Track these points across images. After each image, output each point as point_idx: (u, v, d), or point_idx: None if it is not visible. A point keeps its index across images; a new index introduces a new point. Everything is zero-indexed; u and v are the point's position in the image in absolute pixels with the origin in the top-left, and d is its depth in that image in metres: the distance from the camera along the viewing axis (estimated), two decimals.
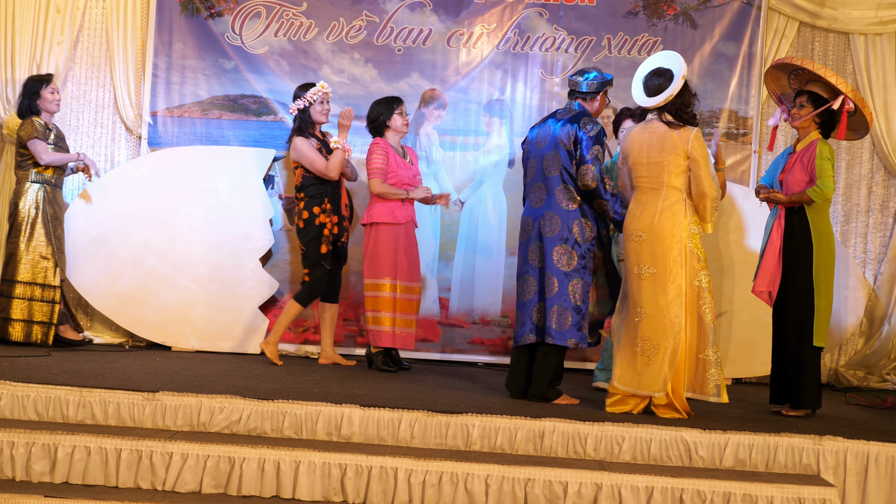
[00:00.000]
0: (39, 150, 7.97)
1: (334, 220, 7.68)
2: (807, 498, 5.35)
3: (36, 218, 8.01)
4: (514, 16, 8.69)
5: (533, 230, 6.62)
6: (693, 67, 8.60)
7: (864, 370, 8.58)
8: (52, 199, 8.08)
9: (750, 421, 6.30)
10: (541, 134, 6.68)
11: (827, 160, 6.53)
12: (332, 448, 5.54)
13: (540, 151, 6.64)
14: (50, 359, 7.27)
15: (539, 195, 6.62)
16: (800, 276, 6.57)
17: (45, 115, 8.12)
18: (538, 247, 6.57)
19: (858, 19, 8.62)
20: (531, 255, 6.62)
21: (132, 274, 8.39)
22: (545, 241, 6.53)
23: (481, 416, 5.81)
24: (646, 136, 6.34)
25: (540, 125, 6.75)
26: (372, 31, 8.71)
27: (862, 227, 8.77)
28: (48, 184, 8.07)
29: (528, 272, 6.63)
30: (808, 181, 6.56)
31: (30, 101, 8.08)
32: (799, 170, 6.61)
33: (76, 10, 8.76)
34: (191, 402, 5.83)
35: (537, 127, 6.77)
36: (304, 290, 7.75)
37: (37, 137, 7.96)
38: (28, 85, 8.13)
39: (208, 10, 8.69)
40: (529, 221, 6.66)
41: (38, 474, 5.39)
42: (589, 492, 5.35)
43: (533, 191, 6.67)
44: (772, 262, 6.64)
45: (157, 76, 8.70)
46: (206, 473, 5.41)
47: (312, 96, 7.70)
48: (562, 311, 6.46)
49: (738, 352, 8.29)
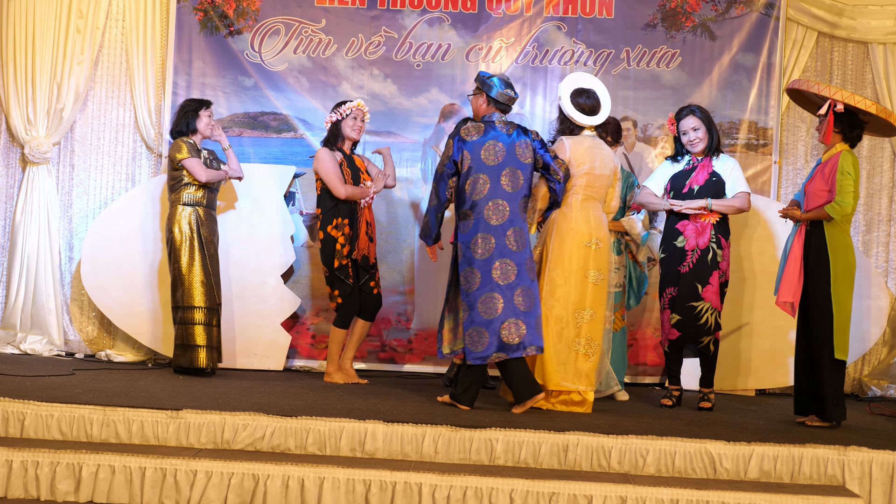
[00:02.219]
0: (195, 167, 7.74)
1: (347, 233, 7.63)
2: None
3: (192, 242, 7.83)
4: (532, 30, 8.70)
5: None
6: (712, 79, 8.60)
7: (889, 380, 8.53)
8: (204, 221, 7.88)
9: (774, 432, 6.27)
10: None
11: (848, 175, 6.49)
12: (356, 464, 5.55)
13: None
14: (73, 378, 7.29)
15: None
16: (818, 289, 6.55)
17: (197, 138, 7.93)
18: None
19: (877, 29, 8.60)
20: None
21: (154, 292, 8.42)
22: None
23: (505, 430, 5.81)
24: (596, 150, 6.89)
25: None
26: (391, 47, 8.73)
27: (884, 236, 8.74)
28: (199, 205, 7.86)
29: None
30: (827, 192, 6.54)
31: (187, 122, 7.89)
32: (819, 180, 6.59)
33: (96, 29, 8.81)
34: (214, 419, 5.84)
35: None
36: (338, 313, 7.74)
37: (191, 156, 7.77)
38: (185, 106, 7.99)
39: (227, 28, 8.73)
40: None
41: (63, 494, 5.41)
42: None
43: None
44: (794, 273, 6.61)
45: (177, 94, 8.73)
46: (231, 491, 5.42)
47: (345, 111, 7.70)
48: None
49: (759, 362, 8.25)
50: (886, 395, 8.41)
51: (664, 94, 8.63)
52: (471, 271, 6.63)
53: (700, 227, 7.14)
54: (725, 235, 7.17)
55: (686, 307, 7.14)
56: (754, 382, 8.28)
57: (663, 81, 8.64)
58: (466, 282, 6.64)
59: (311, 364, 8.54)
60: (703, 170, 7.22)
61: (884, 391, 8.43)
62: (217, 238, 8.01)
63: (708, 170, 7.21)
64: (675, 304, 7.20)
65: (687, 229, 7.18)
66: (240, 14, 8.73)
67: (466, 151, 6.64)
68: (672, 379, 7.39)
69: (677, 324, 7.18)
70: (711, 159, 7.24)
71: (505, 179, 6.65)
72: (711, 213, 7.12)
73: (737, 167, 7.22)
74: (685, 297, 7.15)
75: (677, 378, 7.38)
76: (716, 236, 7.12)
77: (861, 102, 6.52)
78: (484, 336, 6.58)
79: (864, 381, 8.53)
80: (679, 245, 7.18)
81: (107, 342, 8.78)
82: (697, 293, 7.12)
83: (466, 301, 6.64)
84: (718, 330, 7.19)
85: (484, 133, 6.68)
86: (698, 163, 7.25)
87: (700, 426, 6.40)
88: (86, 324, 8.83)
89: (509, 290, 6.59)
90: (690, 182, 7.21)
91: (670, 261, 7.23)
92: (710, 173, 7.19)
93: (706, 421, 6.68)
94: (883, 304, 8.36)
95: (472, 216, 6.65)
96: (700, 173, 7.21)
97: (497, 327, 6.56)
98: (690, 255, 7.14)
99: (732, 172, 7.19)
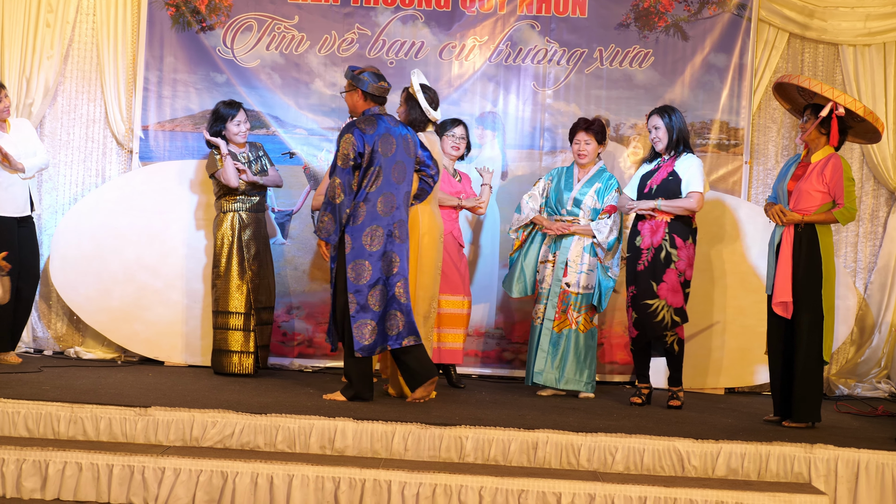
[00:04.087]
0: (227, 176, 7.72)
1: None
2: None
3: (232, 247, 7.82)
4: (506, 28, 8.70)
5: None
6: (684, 79, 8.63)
7: (856, 378, 8.60)
8: (246, 225, 7.85)
9: (742, 430, 6.31)
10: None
11: (851, 181, 6.57)
12: (325, 461, 5.54)
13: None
14: (41, 375, 7.26)
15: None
16: (810, 290, 6.56)
17: (231, 144, 7.91)
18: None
19: (847, 30, 8.64)
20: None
21: (124, 289, 8.37)
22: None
23: (475, 427, 5.82)
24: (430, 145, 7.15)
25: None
26: (364, 44, 8.72)
27: (852, 236, 8.79)
28: (241, 210, 7.85)
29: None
30: (823, 194, 6.56)
31: (217, 129, 7.87)
32: (816, 181, 6.58)
33: (66, 24, 8.74)
34: (183, 416, 5.82)
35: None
36: None
37: (220, 169, 7.76)
38: (216, 112, 7.94)
39: (199, 23, 8.70)
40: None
41: (30, 491, 5.38)
42: (582, 502, 5.35)
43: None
44: (787, 273, 6.60)
45: (149, 90, 8.70)
46: (199, 488, 5.40)
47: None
48: None
49: (730, 361, 8.29)
50: (854, 393, 8.47)
51: (637, 94, 8.65)
52: (361, 263, 6.66)
53: (654, 225, 7.20)
54: (683, 234, 7.18)
55: (642, 305, 7.19)
56: (724, 381, 8.32)
57: (636, 81, 8.66)
58: (356, 274, 6.67)
59: (283, 362, 8.52)
60: (664, 170, 7.27)
61: (851, 390, 8.49)
62: (263, 240, 7.98)
63: (668, 169, 7.25)
64: (634, 302, 7.24)
65: (644, 228, 7.24)
66: (212, 10, 8.70)
67: (368, 144, 6.66)
68: (641, 377, 7.42)
69: (636, 322, 7.23)
70: (675, 159, 7.28)
71: (395, 173, 6.75)
72: (662, 213, 7.17)
73: (695, 166, 7.24)
74: (641, 295, 7.20)
75: (646, 376, 7.41)
76: (669, 235, 7.15)
77: (860, 107, 6.57)
78: (370, 326, 6.65)
79: (831, 379, 8.58)
80: (637, 244, 7.24)
81: (76, 339, 8.73)
82: (653, 291, 7.16)
83: (356, 294, 6.66)
84: (677, 326, 7.21)
85: (377, 126, 6.72)
86: (664, 163, 7.30)
87: (669, 424, 6.43)
88: (55, 321, 8.77)
89: (393, 281, 6.71)
90: (651, 182, 7.27)
91: (632, 260, 7.29)
92: (669, 173, 7.23)
93: (675, 419, 6.71)
94: (851, 303, 8.41)
95: (365, 209, 6.68)
96: (661, 173, 7.27)
97: (386, 319, 6.68)
98: (646, 254, 7.19)
99: (689, 171, 7.21)
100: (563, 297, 7.53)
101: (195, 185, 8.42)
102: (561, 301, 7.53)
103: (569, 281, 7.52)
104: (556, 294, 7.54)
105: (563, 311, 7.53)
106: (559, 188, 7.63)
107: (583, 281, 7.50)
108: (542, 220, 7.64)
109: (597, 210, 7.52)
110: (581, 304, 7.52)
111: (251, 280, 7.83)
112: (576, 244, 7.55)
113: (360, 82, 6.80)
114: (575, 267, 7.52)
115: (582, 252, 7.54)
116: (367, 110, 6.82)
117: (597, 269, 7.56)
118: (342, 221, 6.67)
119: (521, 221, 7.71)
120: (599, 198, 7.54)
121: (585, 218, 7.54)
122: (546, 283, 7.60)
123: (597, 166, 7.65)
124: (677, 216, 7.18)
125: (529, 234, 7.77)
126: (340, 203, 6.64)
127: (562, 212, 7.60)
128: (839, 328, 8.19)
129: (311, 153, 8.61)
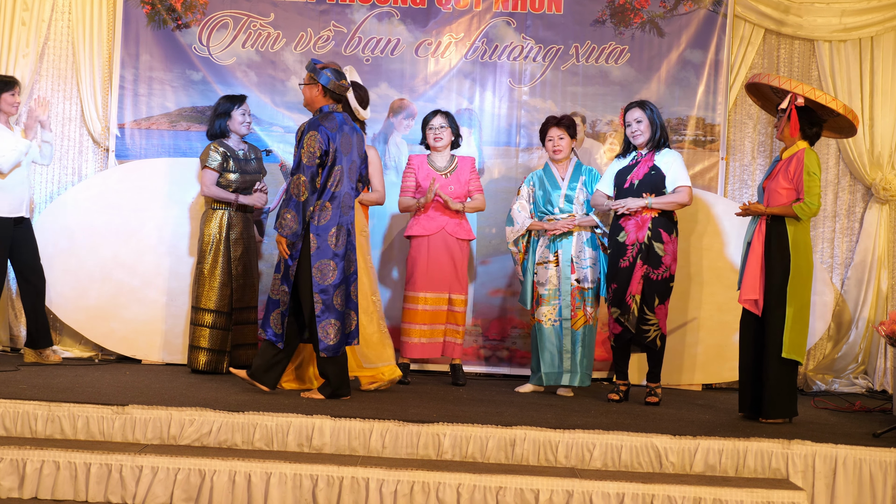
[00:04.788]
0: (205, 180, 7.76)
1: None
2: (776, 502, 5.40)
3: (218, 245, 7.78)
4: (481, 25, 8.70)
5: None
6: (660, 75, 8.64)
7: (833, 374, 8.64)
8: (234, 224, 7.82)
9: (719, 426, 6.33)
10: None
11: (814, 175, 6.53)
12: (303, 459, 5.54)
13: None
14: (18, 374, 7.22)
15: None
16: (775, 285, 6.57)
17: (234, 138, 7.89)
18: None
19: (823, 26, 8.68)
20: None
21: (100, 287, 8.34)
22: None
23: (452, 424, 5.82)
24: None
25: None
26: (340, 42, 8.71)
27: (829, 232, 8.83)
28: (231, 209, 7.82)
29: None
30: (789, 190, 6.58)
31: (219, 123, 7.84)
32: (782, 178, 6.61)
33: (41, 22, 8.70)
34: (160, 415, 5.81)
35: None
36: None
37: (207, 167, 7.74)
38: (218, 105, 7.91)
39: (175, 21, 8.67)
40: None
41: (7, 490, 5.36)
42: (560, 499, 5.37)
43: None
44: (755, 270, 6.62)
45: (125, 88, 8.66)
46: (177, 487, 5.39)
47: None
48: None
49: (707, 357, 8.31)
50: (831, 389, 8.51)
51: (613, 90, 8.66)
52: (327, 263, 6.66)
53: (640, 221, 7.20)
54: (668, 229, 7.20)
55: (625, 301, 7.19)
56: (701, 377, 8.35)
57: (612, 77, 8.68)
58: (322, 274, 6.66)
59: None
60: (645, 164, 7.27)
61: (828, 385, 8.53)
62: (250, 240, 7.96)
63: (649, 164, 7.26)
64: (616, 298, 7.25)
65: (628, 224, 7.23)
66: (187, 7, 8.67)
67: (333, 142, 6.66)
68: (619, 374, 7.44)
69: (618, 318, 7.24)
70: (654, 154, 7.30)
71: (350, 172, 6.79)
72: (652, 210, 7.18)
73: (677, 161, 7.27)
74: (624, 291, 7.20)
75: (625, 373, 7.43)
76: (655, 229, 7.16)
77: (822, 97, 6.56)
78: (335, 326, 6.67)
79: (809, 375, 8.62)
80: (621, 240, 7.23)
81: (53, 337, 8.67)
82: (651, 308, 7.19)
83: (322, 294, 6.65)
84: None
85: (338, 124, 6.73)
86: (642, 158, 7.31)
87: (646, 420, 6.45)
88: None
89: (351, 280, 6.81)
90: (631, 177, 7.27)
91: (614, 256, 7.28)
92: (651, 167, 7.24)
93: (653, 415, 6.73)
94: (827, 299, 8.45)
95: (331, 208, 6.68)
96: (641, 168, 7.27)
97: (345, 318, 6.74)
98: (630, 250, 7.19)
99: (672, 166, 7.23)
100: (575, 294, 7.53)
101: (172, 183, 8.39)
102: (574, 298, 7.52)
103: (579, 277, 7.51)
104: (568, 293, 7.52)
105: (578, 307, 7.52)
106: (545, 189, 7.62)
107: (590, 275, 7.51)
108: (540, 225, 7.63)
109: (589, 201, 7.55)
110: (592, 299, 7.54)
111: (235, 280, 7.81)
112: (576, 241, 7.54)
113: (320, 76, 6.76)
114: (580, 263, 7.52)
115: (583, 247, 7.53)
116: (324, 107, 6.79)
117: (598, 262, 7.57)
118: (306, 219, 6.66)
119: (518, 232, 7.68)
120: (590, 189, 7.56)
121: (580, 211, 7.56)
122: (552, 283, 7.54)
123: (573, 161, 7.66)
124: (662, 212, 7.20)
125: (528, 242, 7.74)
126: (305, 201, 6.62)
127: (554, 211, 7.60)
128: (816, 324, 8.23)
129: (287, 151, 8.58)
